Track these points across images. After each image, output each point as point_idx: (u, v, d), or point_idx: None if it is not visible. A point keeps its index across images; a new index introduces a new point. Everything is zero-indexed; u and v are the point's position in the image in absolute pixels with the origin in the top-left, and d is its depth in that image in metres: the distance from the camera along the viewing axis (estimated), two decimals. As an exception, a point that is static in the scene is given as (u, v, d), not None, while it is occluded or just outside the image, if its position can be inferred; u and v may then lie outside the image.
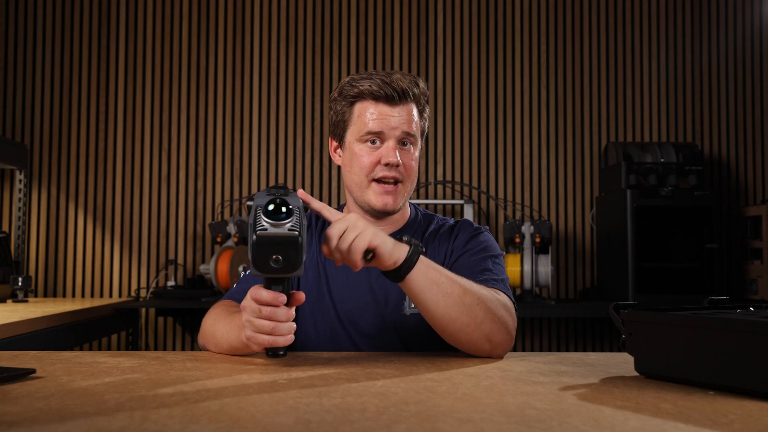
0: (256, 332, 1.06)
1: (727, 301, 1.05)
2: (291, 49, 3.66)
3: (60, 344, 2.43)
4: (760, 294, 3.28)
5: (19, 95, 3.57)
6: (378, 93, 1.33)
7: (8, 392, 0.88)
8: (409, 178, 1.37)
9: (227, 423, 0.73)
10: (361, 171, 1.35)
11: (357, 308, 1.37)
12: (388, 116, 1.33)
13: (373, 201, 1.36)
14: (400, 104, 1.34)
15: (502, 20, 3.72)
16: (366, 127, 1.34)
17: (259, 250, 0.98)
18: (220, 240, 3.26)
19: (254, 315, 1.05)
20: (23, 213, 3.38)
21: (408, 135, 1.35)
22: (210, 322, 1.30)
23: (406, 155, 1.36)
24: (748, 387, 0.85)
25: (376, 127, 1.33)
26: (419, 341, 1.36)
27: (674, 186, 3.25)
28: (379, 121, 1.33)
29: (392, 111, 1.34)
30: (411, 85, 1.35)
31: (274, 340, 1.05)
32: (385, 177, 1.34)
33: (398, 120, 1.34)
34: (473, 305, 1.18)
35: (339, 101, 1.39)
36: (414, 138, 1.37)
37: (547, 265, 3.19)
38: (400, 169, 1.35)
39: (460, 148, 3.66)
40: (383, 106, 1.34)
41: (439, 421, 0.74)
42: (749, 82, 3.75)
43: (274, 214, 0.99)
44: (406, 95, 1.34)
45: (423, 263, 1.15)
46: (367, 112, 1.34)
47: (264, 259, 0.98)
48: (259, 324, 1.05)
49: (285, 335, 1.05)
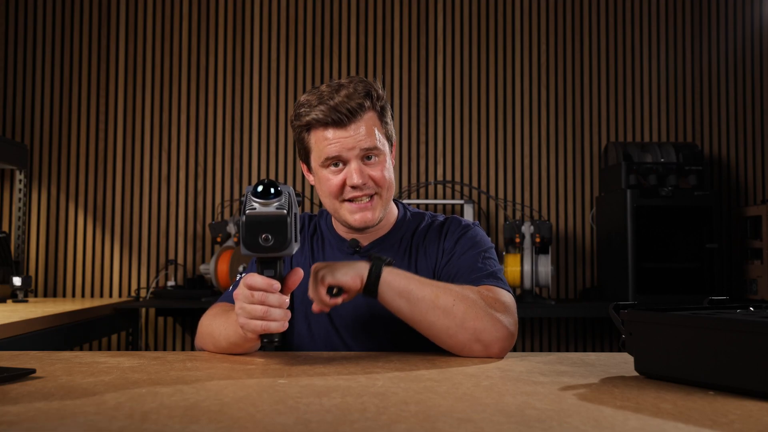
0: (248, 318, 1.06)
1: (727, 301, 1.05)
2: (291, 49, 3.66)
3: (60, 344, 2.43)
4: (760, 294, 3.28)
5: (19, 95, 3.57)
6: (326, 120, 1.30)
7: (8, 392, 0.88)
8: (383, 188, 1.34)
9: (227, 423, 0.73)
10: (330, 194, 1.34)
11: (349, 311, 1.37)
12: (342, 139, 1.30)
13: (350, 220, 1.35)
14: (352, 123, 1.30)
15: (502, 20, 3.71)
16: (324, 153, 1.32)
17: (248, 229, 1.00)
18: (220, 240, 3.26)
19: (246, 301, 1.06)
20: (23, 213, 3.38)
21: (368, 150, 1.31)
22: (207, 323, 1.31)
23: (374, 168, 1.33)
24: (748, 387, 0.85)
25: (333, 152, 1.31)
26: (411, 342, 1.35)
27: (674, 186, 3.25)
28: (334, 146, 1.30)
29: (345, 132, 1.30)
30: (360, 98, 1.30)
31: (266, 325, 1.06)
32: (355, 197, 1.33)
33: (353, 140, 1.30)
34: (449, 306, 1.18)
35: (296, 127, 1.37)
36: (377, 150, 1.33)
37: (547, 265, 3.19)
38: (369, 184, 1.33)
39: (460, 148, 3.66)
40: (334, 131, 1.30)
41: (439, 421, 0.74)
42: (749, 82, 3.75)
43: (262, 195, 1.00)
44: (355, 113, 1.30)
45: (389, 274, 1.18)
46: (322, 140, 1.32)
47: (254, 238, 1.00)
48: (251, 309, 1.06)
49: (278, 320, 1.06)
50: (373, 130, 1.32)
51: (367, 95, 1.32)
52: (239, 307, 1.08)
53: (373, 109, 1.33)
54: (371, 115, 1.33)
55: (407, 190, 3.60)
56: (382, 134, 1.35)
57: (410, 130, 3.65)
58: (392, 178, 1.38)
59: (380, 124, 1.35)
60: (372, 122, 1.33)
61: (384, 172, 1.34)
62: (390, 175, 1.36)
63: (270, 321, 1.06)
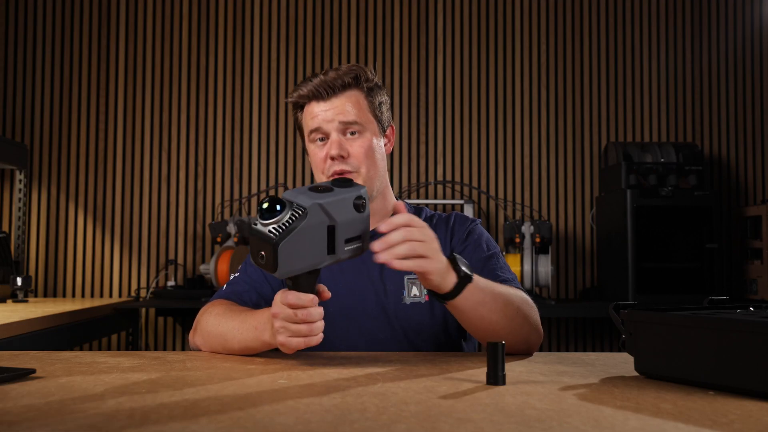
0: (290, 337, 1.06)
1: (727, 301, 1.05)
2: (291, 49, 3.66)
3: (60, 344, 2.43)
4: (760, 294, 3.28)
5: (19, 95, 3.57)
6: (309, 93, 1.36)
7: (8, 392, 0.88)
8: (363, 165, 1.35)
9: (227, 423, 0.73)
10: (317, 169, 1.38)
11: (356, 301, 1.36)
12: (323, 111, 1.35)
13: None
14: (331, 97, 1.35)
15: (502, 20, 3.72)
16: (308, 126, 1.38)
17: (250, 244, 1.03)
18: (220, 240, 3.26)
19: (289, 320, 1.05)
20: (23, 213, 3.38)
21: (348, 124, 1.35)
22: (214, 323, 1.28)
23: (353, 144, 1.35)
24: (748, 387, 0.85)
25: (314, 124, 1.36)
26: (420, 330, 1.36)
27: (674, 186, 3.25)
28: (315, 118, 1.36)
29: (326, 105, 1.35)
30: (344, 75, 1.36)
31: (309, 341, 1.06)
32: (335, 172, 1.34)
33: (332, 113, 1.35)
34: (514, 315, 1.20)
35: (293, 109, 1.44)
36: (359, 125, 1.35)
37: (547, 265, 3.19)
38: (350, 160, 1.34)
39: (460, 148, 3.66)
40: (317, 104, 1.36)
41: (439, 421, 0.74)
42: (749, 82, 3.75)
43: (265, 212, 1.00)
44: (334, 87, 1.35)
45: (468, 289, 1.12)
46: (307, 114, 1.38)
47: (254, 254, 1.02)
48: (296, 329, 1.05)
49: (317, 335, 1.07)
50: (356, 106, 1.36)
51: (353, 75, 1.37)
52: (281, 326, 1.06)
53: (358, 87, 1.37)
54: (355, 93, 1.37)
55: (407, 190, 3.60)
56: (369, 112, 1.38)
57: (410, 130, 3.65)
58: (378, 159, 1.38)
59: (366, 103, 1.38)
60: (356, 99, 1.37)
61: (362, 149, 1.35)
62: (375, 155, 1.37)
63: (312, 337, 1.06)
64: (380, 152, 1.39)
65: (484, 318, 1.16)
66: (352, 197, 1.03)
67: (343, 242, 1.03)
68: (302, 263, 1.01)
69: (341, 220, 1.02)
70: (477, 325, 1.18)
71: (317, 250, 1.01)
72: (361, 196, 1.04)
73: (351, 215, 1.03)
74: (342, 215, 1.02)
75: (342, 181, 1.06)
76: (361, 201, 1.04)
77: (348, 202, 1.03)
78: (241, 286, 1.41)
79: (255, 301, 1.38)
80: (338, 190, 1.03)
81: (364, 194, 1.05)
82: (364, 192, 1.05)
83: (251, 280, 1.40)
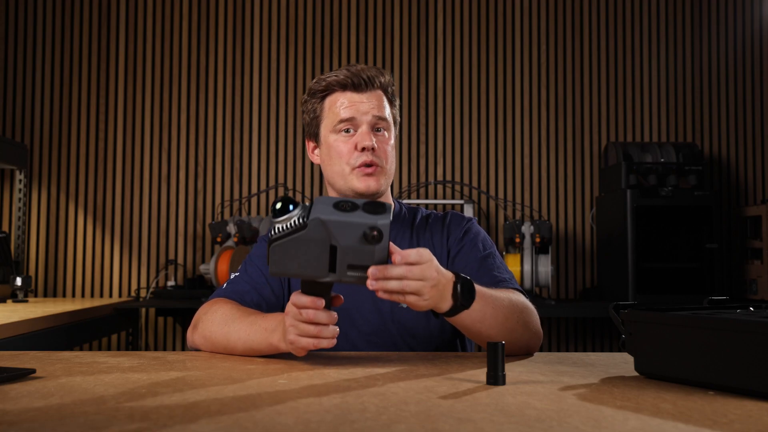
0: (299, 335, 1.06)
1: (727, 301, 1.05)
2: (291, 49, 3.66)
3: (60, 344, 2.43)
4: (760, 294, 3.28)
5: (19, 95, 3.57)
6: (345, 82, 1.37)
7: (8, 392, 0.88)
8: (386, 161, 1.39)
9: (227, 423, 0.73)
10: (340, 160, 1.37)
11: (354, 306, 1.37)
12: (358, 102, 1.37)
13: (357, 185, 1.37)
14: (368, 91, 1.38)
15: (502, 20, 3.72)
16: (338, 116, 1.37)
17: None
18: (220, 240, 3.26)
19: (297, 318, 1.06)
20: (23, 213, 3.38)
21: (380, 119, 1.38)
22: (219, 322, 1.27)
23: (381, 140, 1.38)
24: (748, 387, 0.85)
25: (347, 114, 1.37)
26: (416, 333, 1.36)
27: (674, 186, 3.25)
28: (349, 108, 1.37)
29: (361, 97, 1.37)
30: (377, 74, 1.39)
31: (318, 342, 1.06)
32: (364, 162, 1.36)
33: (368, 105, 1.37)
34: (514, 326, 1.21)
35: (309, 101, 1.43)
36: (387, 123, 1.39)
37: (547, 265, 3.19)
38: (377, 152, 1.37)
39: (460, 148, 3.66)
40: (351, 94, 1.38)
41: (439, 421, 0.74)
42: (749, 82, 3.75)
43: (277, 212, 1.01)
44: (373, 82, 1.38)
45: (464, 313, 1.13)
46: (337, 103, 1.38)
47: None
48: (304, 328, 1.06)
49: (329, 338, 1.06)
50: (384, 104, 1.40)
51: (382, 75, 1.40)
52: (291, 324, 1.07)
53: (386, 89, 1.41)
54: (381, 93, 1.40)
55: (407, 190, 3.60)
56: (391, 114, 1.42)
57: (410, 130, 3.65)
58: (394, 159, 1.42)
59: (389, 106, 1.42)
60: (383, 99, 1.40)
61: (388, 147, 1.40)
62: (393, 154, 1.42)
63: (322, 338, 1.06)
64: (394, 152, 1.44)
65: (482, 333, 1.18)
66: (365, 225, 0.97)
67: (346, 266, 0.99)
68: (296, 270, 1.00)
69: (343, 244, 0.98)
70: (475, 337, 1.21)
71: (317, 263, 1.00)
72: (375, 227, 0.97)
73: (356, 243, 0.98)
74: (345, 240, 0.98)
75: (372, 205, 1.00)
76: (373, 232, 0.97)
77: (356, 228, 0.97)
78: (241, 285, 1.40)
79: (256, 301, 1.38)
80: (356, 214, 0.98)
81: (381, 226, 0.98)
82: (382, 224, 0.98)
83: (252, 281, 1.40)
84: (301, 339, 1.06)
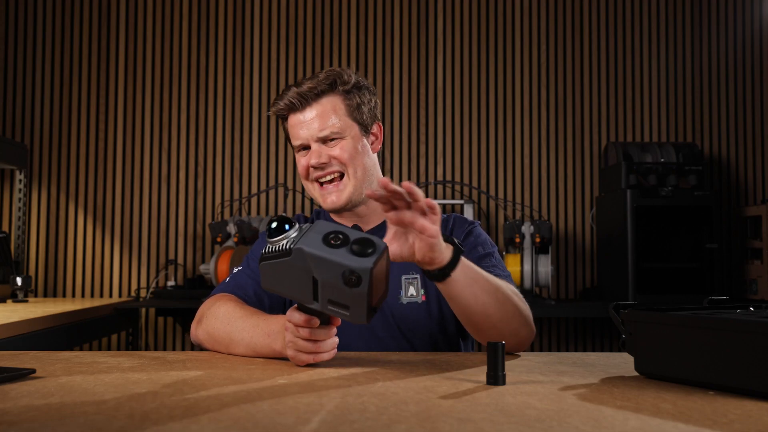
0: (297, 351, 1.07)
1: (727, 301, 1.05)
2: (291, 49, 3.66)
3: (60, 344, 2.43)
4: (760, 294, 3.28)
5: (19, 95, 3.57)
6: (290, 104, 1.38)
7: (8, 392, 0.88)
8: (348, 167, 1.37)
9: (227, 423, 0.73)
10: (305, 179, 1.42)
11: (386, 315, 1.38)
12: (299, 124, 1.39)
13: (321, 202, 1.41)
14: (306, 108, 1.38)
15: (502, 20, 3.71)
16: (293, 140, 1.41)
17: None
18: (220, 240, 3.26)
19: (295, 335, 1.06)
20: (23, 213, 3.38)
21: (324, 135, 1.37)
22: (223, 319, 1.27)
23: (334, 149, 1.37)
24: (748, 387, 0.85)
25: (297, 138, 1.40)
26: (417, 329, 1.37)
27: (674, 186, 3.25)
28: (295, 131, 1.40)
29: (302, 117, 1.38)
30: (320, 83, 1.37)
31: (317, 357, 1.07)
32: (318, 177, 1.38)
33: (307, 125, 1.37)
34: (505, 301, 1.20)
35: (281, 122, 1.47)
36: (336, 133, 1.37)
37: (547, 265, 3.19)
38: (332, 162, 1.37)
39: (460, 148, 3.66)
40: (294, 116, 1.40)
41: (439, 421, 0.74)
42: (749, 82, 3.75)
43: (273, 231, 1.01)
44: (309, 97, 1.37)
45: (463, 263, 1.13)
46: (290, 126, 1.41)
47: None
48: (302, 345, 1.06)
49: (327, 351, 1.08)
50: (331, 113, 1.37)
51: (328, 81, 1.37)
52: (290, 341, 1.08)
53: (334, 92, 1.38)
54: (332, 98, 1.38)
55: (407, 190, 3.60)
56: (347, 116, 1.39)
57: (410, 130, 3.65)
58: (361, 157, 1.39)
59: (344, 107, 1.39)
60: (332, 105, 1.38)
61: (345, 151, 1.37)
62: (360, 156, 1.38)
63: (321, 353, 1.07)
64: (366, 152, 1.40)
65: (478, 297, 1.15)
66: (345, 267, 0.94)
67: (327, 300, 0.98)
68: (284, 290, 1.02)
69: (322, 279, 0.96)
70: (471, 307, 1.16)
71: (303, 289, 0.99)
72: (354, 271, 0.93)
73: (335, 282, 0.95)
74: (324, 275, 0.96)
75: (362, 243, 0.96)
76: (351, 276, 0.93)
77: (335, 267, 0.94)
78: (244, 280, 1.41)
79: (259, 294, 1.39)
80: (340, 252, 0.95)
81: (361, 272, 0.93)
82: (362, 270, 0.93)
83: (254, 275, 1.41)
84: (301, 355, 1.07)
